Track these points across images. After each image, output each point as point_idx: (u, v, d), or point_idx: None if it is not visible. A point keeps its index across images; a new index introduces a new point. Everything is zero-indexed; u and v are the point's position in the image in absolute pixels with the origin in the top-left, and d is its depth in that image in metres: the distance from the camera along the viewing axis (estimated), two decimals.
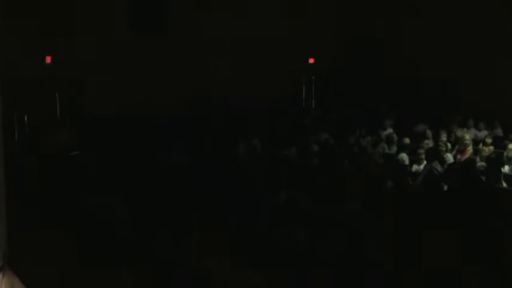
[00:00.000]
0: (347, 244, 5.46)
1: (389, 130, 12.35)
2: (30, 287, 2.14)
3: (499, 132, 12.53)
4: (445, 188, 8.16)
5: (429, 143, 10.93)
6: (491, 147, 10.68)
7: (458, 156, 10.37)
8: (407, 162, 9.74)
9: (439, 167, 8.95)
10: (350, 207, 6.61)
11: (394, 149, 10.84)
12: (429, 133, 11.58)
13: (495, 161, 9.10)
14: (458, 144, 10.84)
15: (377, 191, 7.40)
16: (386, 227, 6.15)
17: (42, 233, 2.81)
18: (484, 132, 12.31)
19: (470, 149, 10.47)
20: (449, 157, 9.95)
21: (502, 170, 8.86)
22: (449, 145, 10.73)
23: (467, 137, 10.79)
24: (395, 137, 11.28)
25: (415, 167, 9.64)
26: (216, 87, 13.73)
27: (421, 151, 9.75)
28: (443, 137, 11.00)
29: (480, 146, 10.86)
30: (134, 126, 11.58)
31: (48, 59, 11.93)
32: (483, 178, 8.35)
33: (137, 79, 12.69)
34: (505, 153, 9.64)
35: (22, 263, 2.33)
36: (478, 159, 9.79)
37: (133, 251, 4.67)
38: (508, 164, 9.35)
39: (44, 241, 2.66)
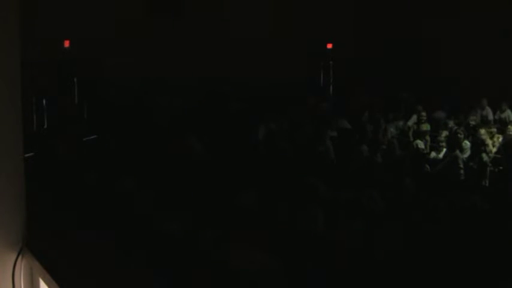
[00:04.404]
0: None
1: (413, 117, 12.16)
2: (49, 269, 2.16)
3: None
4: None
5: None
6: None
7: None
8: (424, 149, 9.68)
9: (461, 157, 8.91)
10: (367, 195, 6.57)
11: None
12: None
13: None
14: None
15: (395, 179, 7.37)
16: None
17: (62, 216, 2.83)
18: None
19: None
20: (468, 145, 9.85)
21: None
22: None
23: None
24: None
25: (433, 155, 9.56)
26: (234, 70, 13.64)
27: (441, 139, 9.68)
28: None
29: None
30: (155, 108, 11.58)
31: (66, 43, 11.94)
32: None
33: (155, 61, 12.60)
34: None
35: (41, 246, 2.35)
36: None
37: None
38: None
39: (63, 224, 2.68)
